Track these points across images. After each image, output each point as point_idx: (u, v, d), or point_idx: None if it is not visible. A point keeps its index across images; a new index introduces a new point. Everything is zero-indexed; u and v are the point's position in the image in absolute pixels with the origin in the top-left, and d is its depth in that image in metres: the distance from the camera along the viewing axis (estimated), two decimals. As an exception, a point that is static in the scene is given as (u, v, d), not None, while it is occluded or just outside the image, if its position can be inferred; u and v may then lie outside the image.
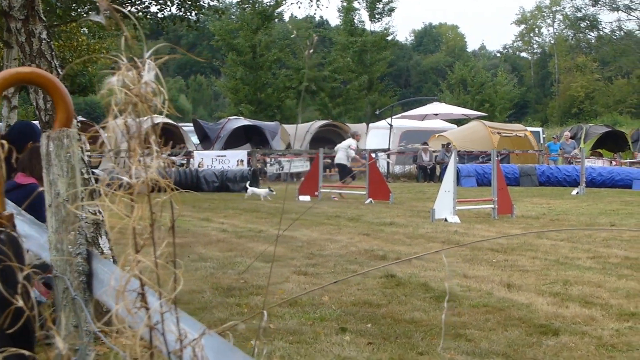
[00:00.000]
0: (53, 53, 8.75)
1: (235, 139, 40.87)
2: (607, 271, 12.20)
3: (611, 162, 42.55)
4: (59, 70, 8.81)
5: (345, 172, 29.55)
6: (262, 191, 26.57)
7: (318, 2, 59.88)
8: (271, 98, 64.84)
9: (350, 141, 29.60)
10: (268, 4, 64.01)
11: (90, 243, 2.57)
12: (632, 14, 69.26)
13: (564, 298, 10.12)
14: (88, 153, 8.30)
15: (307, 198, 26.31)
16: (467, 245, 10.90)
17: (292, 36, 62.61)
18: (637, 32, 70.82)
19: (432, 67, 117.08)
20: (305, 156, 38.60)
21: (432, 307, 9.52)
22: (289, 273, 11.67)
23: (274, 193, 26.36)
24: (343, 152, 29.27)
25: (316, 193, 26.66)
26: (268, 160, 38.25)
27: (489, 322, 8.79)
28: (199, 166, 33.95)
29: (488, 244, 15.22)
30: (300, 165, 38.00)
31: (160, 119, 2.03)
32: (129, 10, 23.92)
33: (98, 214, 2.30)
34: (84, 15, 22.55)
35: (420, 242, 15.41)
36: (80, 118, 8.51)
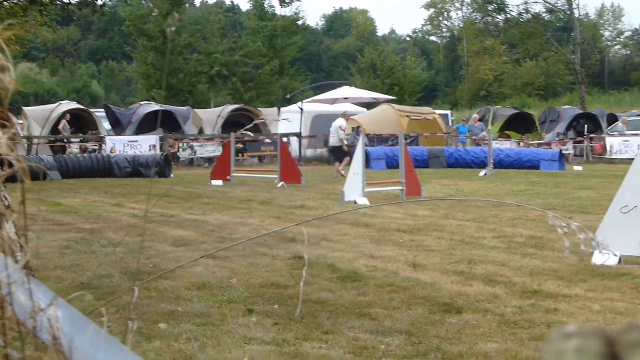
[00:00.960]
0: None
1: (147, 124, 40.58)
2: (512, 250, 12.48)
3: (519, 144, 43.22)
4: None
5: (340, 153, 30.23)
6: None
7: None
8: (183, 83, 64.45)
9: (340, 121, 29.98)
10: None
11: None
12: (539, -4, 70.19)
13: (468, 277, 10.34)
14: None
15: (219, 182, 26.34)
16: (314, 219, 11.04)
17: (154, 14, 62.04)
18: (543, 15, 71.67)
19: (342, 51, 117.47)
20: (217, 140, 38.56)
21: (338, 287, 9.68)
22: (198, 256, 11.73)
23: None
24: (335, 134, 30.03)
25: (228, 177, 26.71)
26: (180, 145, 38.11)
27: (394, 301, 8.97)
28: (111, 152, 33.70)
29: (395, 224, 15.45)
30: (212, 150, 37.98)
31: (71, 105, 2.10)
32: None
33: (4, 199, 2.35)
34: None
35: (330, 224, 15.54)
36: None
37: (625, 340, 0.60)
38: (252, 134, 39.63)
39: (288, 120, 39.04)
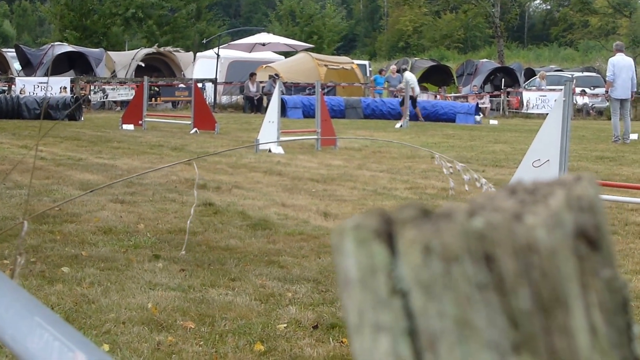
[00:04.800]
0: None
1: (58, 66, 39.88)
2: (424, 201, 12.48)
3: (436, 96, 43.48)
4: None
5: None
6: None
7: None
8: (97, 25, 63.51)
9: None
10: None
11: None
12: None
13: (378, 227, 10.28)
14: None
15: (130, 127, 26.00)
16: (202, 157, 10.99)
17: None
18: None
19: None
20: (130, 84, 38.06)
21: (248, 234, 9.57)
22: (105, 201, 11.52)
23: None
24: None
25: (140, 122, 26.38)
26: (92, 87, 37.55)
27: (303, 249, 8.89)
28: (20, 93, 33.03)
29: (309, 174, 15.38)
30: (125, 94, 37.48)
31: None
32: None
33: None
34: None
35: (242, 172, 15.45)
36: None
37: (400, 218, 0.60)
38: (142, 64, 39.06)
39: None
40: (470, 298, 0.56)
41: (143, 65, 38.98)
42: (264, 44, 45.00)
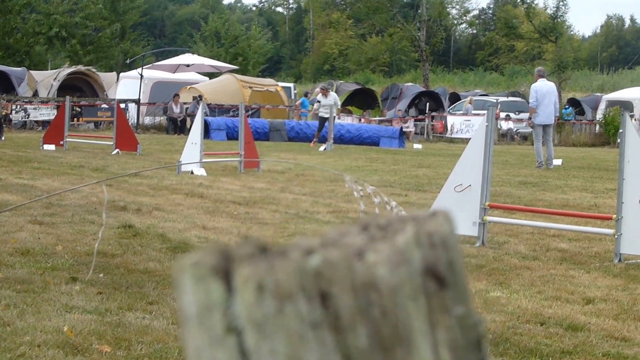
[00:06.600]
0: None
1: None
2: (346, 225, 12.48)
3: (360, 120, 43.66)
4: None
5: None
6: None
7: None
8: (20, 43, 62.81)
9: None
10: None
11: None
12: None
13: (299, 249, 10.26)
14: None
15: (51, 147, 25.72)
16: (115, 177, 10.96)
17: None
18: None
19: (187, 18, 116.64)
20: (53, 104, 37.68)
21: (167, 257, 9.48)
22: (24, 222, 11.35)
23: None
24: None
25: (61, 142, 26.11)
26: (13, 107, 37.11)
27: (223, 272, 8.83)
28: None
29: (231, 196, 15.33)
30: (47, 113, 37.10)
31: None
32: None
33: None
34: None
35: (164, 194, 15.34)
36: None
37: (237, 254, 0.61)
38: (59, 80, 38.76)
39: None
40: (302, 337, 0.55)
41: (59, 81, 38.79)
42: (188, 65, 44.87)
